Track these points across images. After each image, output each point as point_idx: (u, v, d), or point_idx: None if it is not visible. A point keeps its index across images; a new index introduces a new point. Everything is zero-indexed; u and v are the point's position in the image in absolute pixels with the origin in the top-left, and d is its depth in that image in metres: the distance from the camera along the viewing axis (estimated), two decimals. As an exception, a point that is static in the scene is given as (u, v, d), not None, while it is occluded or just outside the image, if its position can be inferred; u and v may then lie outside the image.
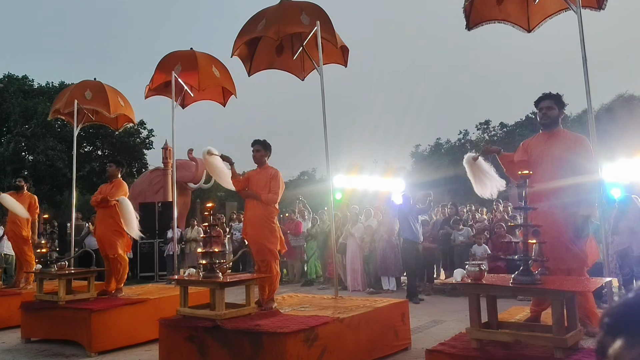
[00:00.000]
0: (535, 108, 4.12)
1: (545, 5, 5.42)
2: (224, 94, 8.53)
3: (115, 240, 6.38)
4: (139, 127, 29.12)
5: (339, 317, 4.45)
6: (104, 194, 6.44)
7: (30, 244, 7.73)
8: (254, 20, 6.22)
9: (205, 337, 4.36)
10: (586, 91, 4.63)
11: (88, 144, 29.73)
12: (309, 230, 11.21)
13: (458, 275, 3.58)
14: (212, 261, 4.72)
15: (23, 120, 25.48)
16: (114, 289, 6.39)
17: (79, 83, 8.71)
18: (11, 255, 10.24)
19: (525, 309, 4.38)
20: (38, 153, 24.83)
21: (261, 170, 5.33)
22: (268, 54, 7.02)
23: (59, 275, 5.92)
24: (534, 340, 3.22)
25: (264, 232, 5.14)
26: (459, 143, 39.19)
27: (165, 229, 12.71)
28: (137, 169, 29.29)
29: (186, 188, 16.84)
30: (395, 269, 9.43)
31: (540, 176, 3.81)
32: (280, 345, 3.94)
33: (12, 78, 27.93)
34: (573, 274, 3.73)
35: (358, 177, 16.22)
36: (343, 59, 6.76)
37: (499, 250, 8.71)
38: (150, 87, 8.05)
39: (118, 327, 5.59)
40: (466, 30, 5.52)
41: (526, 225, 3.50)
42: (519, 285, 3.30)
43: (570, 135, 4.04)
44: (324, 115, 6.05)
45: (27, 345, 5.93)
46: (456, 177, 34.31)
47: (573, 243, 3.76)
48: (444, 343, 3.57)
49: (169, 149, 16.95)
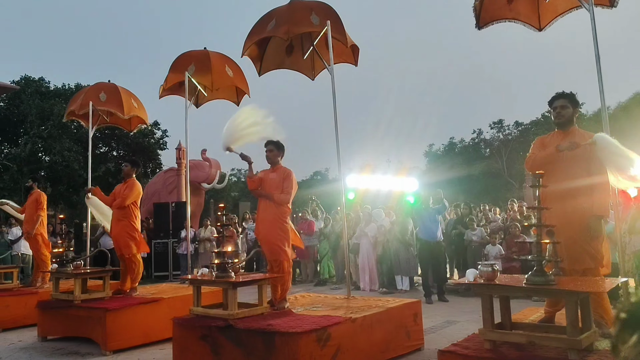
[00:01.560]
0: (550, 107, 4.09)
1: (556, 3, 5.36)
2: (237, 94, 8.56)
3: (130, 240, 6.44)
4: (153, 128, 29.38)
5: (352, 317, 4.45)
6: (118, 196, 6.50)
7: (47, 244, 7.84)
8: (263, 20, 6.23)
9: (218, 337, 4.39)
10: (599, 89, 4.58)
11: (103, 145, 30.04)
12: (322, 230, 11.22)
13: (471, 276, 3.56)
14: (225, 261, 4.74)
15: (40, 121, 25.82)
16: (129, 288, 6.45)
17: (93, 85, 8.81)
18: (28, 255, 10.41)
19: (540, 310, 4.34)
20: (54, 154, 25.14)
21: (274, 170, 5.34)
22: (278, 53, 7.04)
23: (75, 274, 5.99)
24: (547, 341, 3.19)
25: (277, 232, 5.15)
26: (473, 142, 38.98)
27: (179, 228, 12.79)
28: (152, 170, 29.53)
29: (200, 188, 16.94)
30: (409, 269, 9.40)
31: (555, 176, 3.77)
32: (293, 345, 3.95)
33: (29, 80, 28.32)
34: (588, 274, 3.69)
35: (371, 177, 16.18)
36: (353, 58, 6.75)
37: (513, 250, 8.64)
38: (164, 87, 8.11)
39: (133, 326, 5.64)
40: (476, 29, 5.49)
41: (540, 225, 3.47)
42: (532, 285, 3.27)
43: (585, 135, 3.99)
44: (335, 115, 6.05)
45: (44, 344, 6.01)
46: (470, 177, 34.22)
47: (589, 244, 3.72)
48: (457, 344, 3.55)
49: (182, 149, 17.07)
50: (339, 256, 10.39)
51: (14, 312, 6.92)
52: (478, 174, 34.66)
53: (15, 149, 25.55)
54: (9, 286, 7.75)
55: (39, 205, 7.80)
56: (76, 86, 28.51)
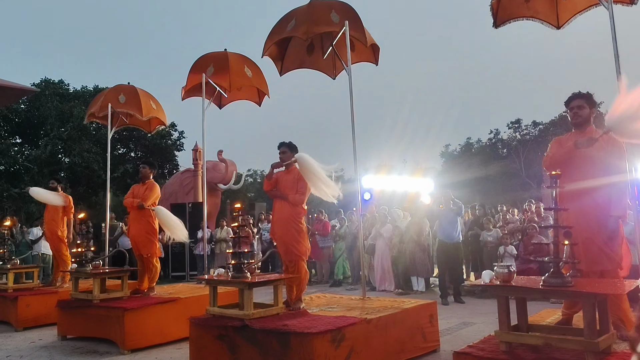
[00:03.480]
0: (566, 108, 4.05)
1: (575, 0, 5.30)
2: (259, 94, 8.61)
3: (149, 241, 6.52)
4: (170, 129, 29.66)
5: (366, 318, 4.45)
6: (137, 196, 6.58)
7: (66, 243, 7.97)
8: (284, 20, 6.26)
9: (234, 336, 4.42)
10: (619, 89, 4.51)
11: (122, 146, 30.41)
12: (337, 231, 11.23)
13: (487, 277, 3.54)
14: (241, 261, 4.78)
15: (59, 123, 26.26)
16: (147, 288, 6.53)
17: (113, 87, 8.94)
18: (48, 255, 10.58)
19: (557, 312, 4.29)
20: (74, 155, 25.54)
21: (289, 171, 5.37)
22: (299, 53, 7.06)
23: (94, 274, 6.08)
24: (564, 343, 3.16)
25: (292, 233, 5.17)
26: (490, 143, 38.62)
27: (196, 229, 12.89)
28: (169, 170, 29.83)
29: (216, 189, 17.07)
30: (424, 270, 9.37)
31: (572, 176, 3.74)
32: (308, 345, 3.96)
33: (49, 82, 28.79)
34: (607, 276, 3.64)
35: (387, 177, 16.15)
36: (374, 57, 6.73)
37: (531, 251, 8.56)
38: (185, 89, 8.20)
39: (150, 326, 5.71)
40: (493, 28, 5.45)
41: (557, 226, 3.44)
42: (549, 287, 3.24)
43: (603, 135, 3.94)
44: (352, 115, 6.04)
45: (63, 343, 6.11)
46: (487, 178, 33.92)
47: (606, 244, 3.67)
48: (472, 346, 3.53)
49: (199, 150, 17.22)
50: (355, 257, 10.39)
51: (34, 311, 7.05)
52: (495, 174, 34.33)
53: (35, 151, 26.01)
54: (30, 285, 7.90)
55: (71, 210, 7.98)
56: (95, 88, 28.93)
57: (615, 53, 4.53)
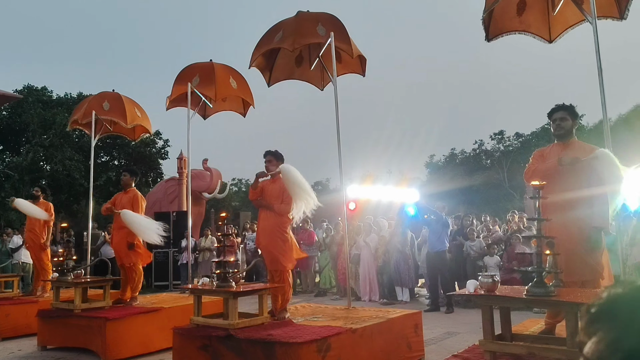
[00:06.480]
0: (549, 119, 4.11)
1: (566, 15, 5.35)
2: (244, 105, 8.61)
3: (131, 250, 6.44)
4: (155, 138, 29.45)
5: (352, 328, 4.45)
6: (119, 206, 6.50)
7: (47, 253, 7.85)
8: (271, 32, 6.30)
9: (218, 347, 4.39)
10: (602, 102, 4.60)
11: (105, 154, 30.09)
12: (323, 240, 11.22)
13: (471, 287, 3.56)
14: (226, 271, 4.76)
15: (42, 130, 25.91)
16: (129, 298, 6.45)
17: (97, 94, 8.86)
18: (29, 264, 10.41)
19: (540, 321, 4.33)
20: (56, 163, 25.19)
21: (274, 181, 5.36)
22: (288, 64, 7.10)
23: (75, 283, 6.00)
24: (547, 352, 3.19)
25: (277, 242, 5.16)
26: (474, 153, 39.02)
27: (180, 238, 12.79)
28: (153, 179, 29.55)
29: (201, 198, 16.96)
30: (409, 280, 9.40)
31: (555, 187, 3.79)
32: (293, 355, 3.95)
33: (32, 89, 28.45)
34: (588, 286, 3.70)
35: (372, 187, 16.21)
36: (361, 68, 6.78)
37: (514, 261, 8.63)
38: (170, 99, 8.17)
39: (133, 336, 5.64)
40: (485, 41, 5.47)
41: (540, 237, 3.48)
42: (532, 297, 3.28)
43: (585, 147, 4.01)
44: (338, 126, 6.08)
45: (43, 353, 6.00)
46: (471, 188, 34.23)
47: (588, 255, 3.73)
48: (457, 355, 3.56)
49: (184, 158, 17.12)
50: (340, 266, 10.38)
51: (14, 321, 6.92)
52: (479, 184, 34.66)
53: (17, 158, 25.63)
54: (9, 295, 7.75)
55: (51, 217, 7.88)
56: (78, 95, 28.63)
57: (599, 66, 4.61)
